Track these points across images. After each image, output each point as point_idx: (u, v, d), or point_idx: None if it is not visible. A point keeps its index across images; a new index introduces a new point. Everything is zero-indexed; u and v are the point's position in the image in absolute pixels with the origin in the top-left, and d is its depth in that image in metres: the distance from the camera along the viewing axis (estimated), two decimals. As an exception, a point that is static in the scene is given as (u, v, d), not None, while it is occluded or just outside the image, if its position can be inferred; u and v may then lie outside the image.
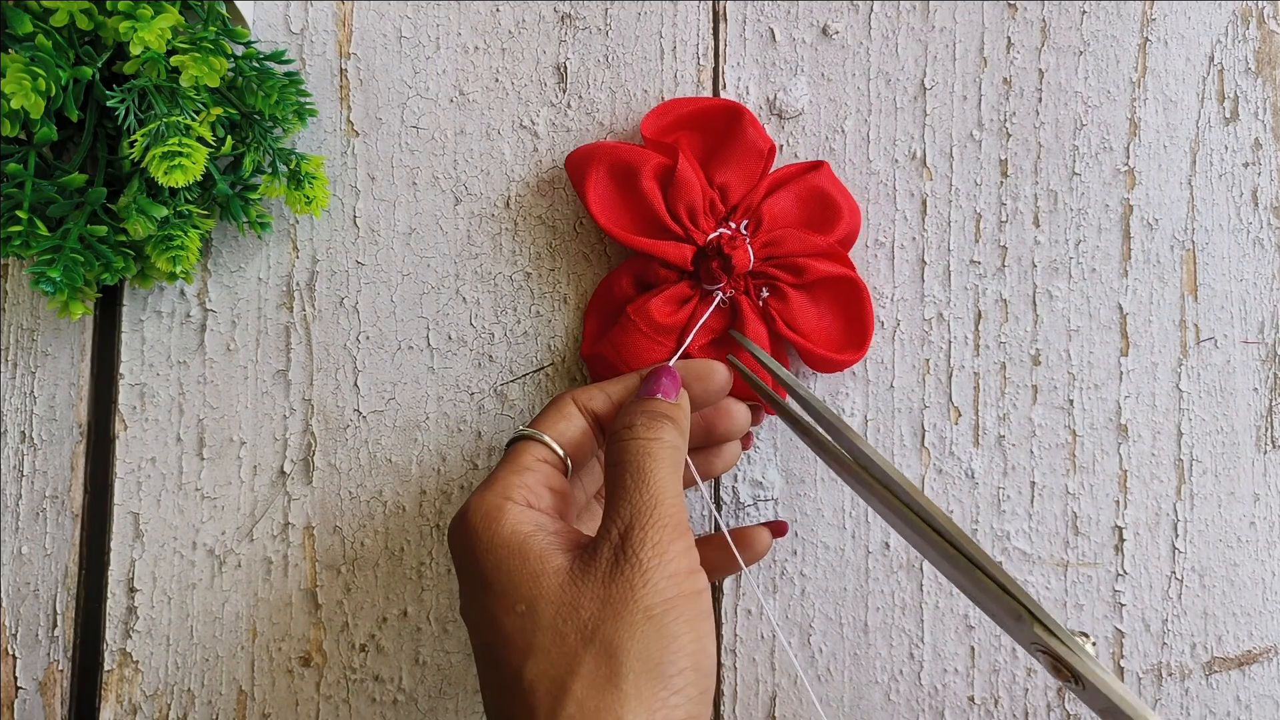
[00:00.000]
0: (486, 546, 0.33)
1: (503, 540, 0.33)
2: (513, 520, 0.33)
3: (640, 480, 0.33)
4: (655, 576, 0.31)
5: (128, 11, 0.37)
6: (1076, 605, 0.42)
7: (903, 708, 0.42)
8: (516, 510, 0.34)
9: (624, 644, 0.30)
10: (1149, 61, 0.43)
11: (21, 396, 0.43)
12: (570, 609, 0.31)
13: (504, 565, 0.33)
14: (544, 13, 0.43)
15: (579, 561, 0.32)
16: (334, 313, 0.43)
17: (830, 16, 0.43)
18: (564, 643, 0.31)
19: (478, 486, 0.35)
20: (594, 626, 0.31)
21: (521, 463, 0.36)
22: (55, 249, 0.39)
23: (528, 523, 0.34)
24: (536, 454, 0.36)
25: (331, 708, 0.42)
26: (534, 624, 0.31)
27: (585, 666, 0.30)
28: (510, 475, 0.35)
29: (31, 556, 0.42)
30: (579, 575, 0.32)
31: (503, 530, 0.33)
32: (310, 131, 0.43)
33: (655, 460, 0.34)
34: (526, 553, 0.33)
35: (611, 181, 0.40)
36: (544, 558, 0.32)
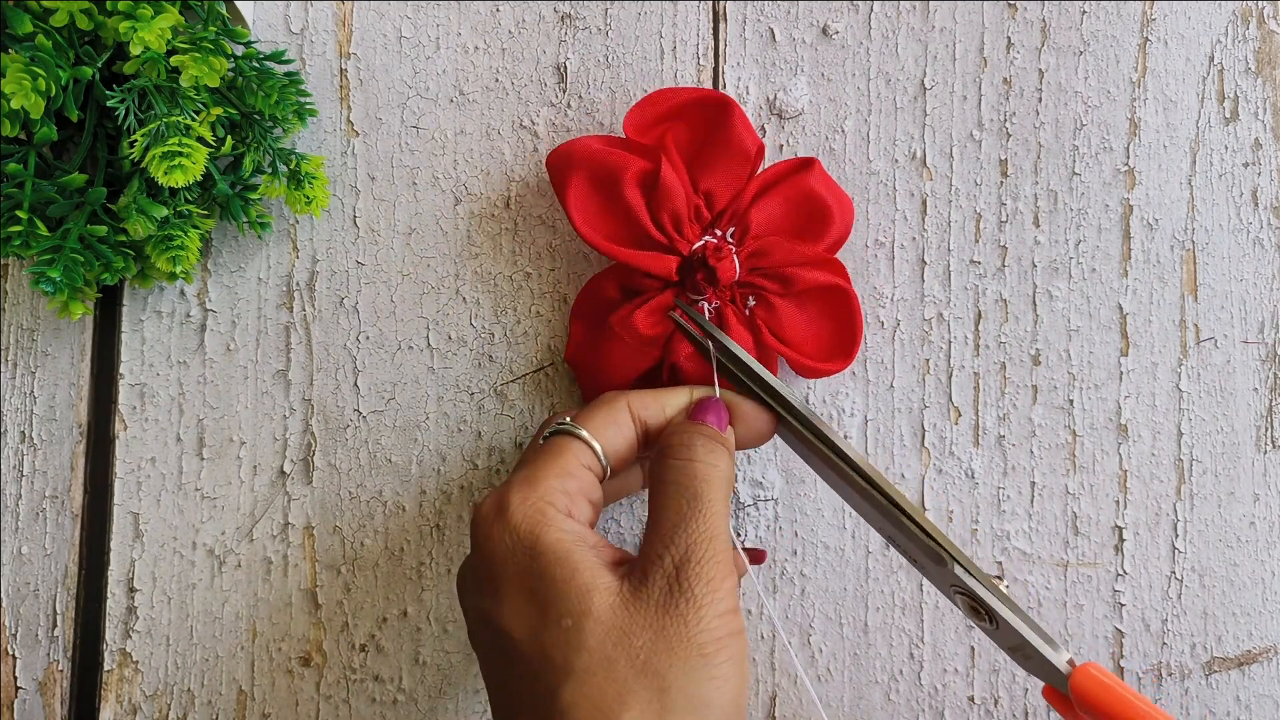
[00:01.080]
0: (530, 550, 0.32)
1: (548, 546, 0.32)
2: (558, 528, 0.32)
3: (698, 508, 0.32)
4: (708, 614, 0.30)
5: (128, 11, 0.37)
6: (1076, 605, 0.42)
7: (903, 707, 0.42)
8: (559, 519, 0.32)
9: (676, 680, 0.29)
10: (1149, 61, 0.43)
11: (21, 396, 0.43)
12: (622, 635, 0.30)
13: (549, 573, 0.31)
14: (544, 13, 0.43)
15: (629, 584, 0.31)
16: (334, 313, 0.43)
17: (830, 16, 0.43)
18: (613, 670, 0.30)
19: (514, 477, 0.34)
20: (646, 658, 0.30)
21: (566, 464, 0.34)
22: (55, 249, 0.39)
23: (571, 533, 0.32)
24: (582, 457, 0.34)
25: (331, 708, 0.42)
26: (579, 643, 0.30)
27: (636, 699, 0.29)
28: (554, 478, 0.33)
29: (31, 556, 0.42)
30: (630, 599, 0.31)
31: (548, 536, 0.32)
32: (310, 131, 0.43)
33: (713, 489, 0.33)
34: (575, 565, 0.31)
35: (592, 189, 0.39)
36: (591, 573, 0.31)
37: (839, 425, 0.42)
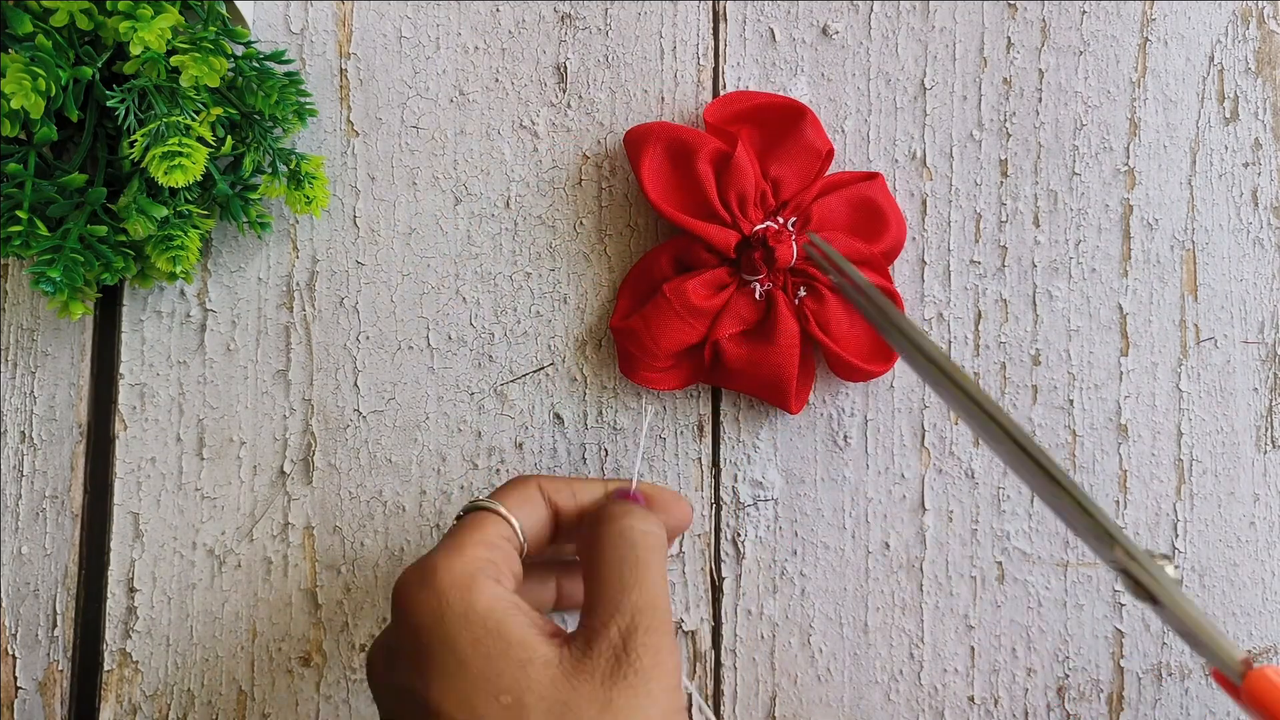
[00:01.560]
0: (461, 620, 0.30)
1: (479, 616, 0.30)
2: (489, 595, 0.30)
3: (641, 575, 0.31)
4: (656, 687, 0.29)
5: (128, 11, 0.37)
6: (1076, 605, 0.42)
7: (902, 707, 0.42)
8: (490, 585, 0.31)
9: None
10: (1149, 61, 0.43)
11: (21, 396, 0.43)
12: (565, 710, 0.28)
13: (482, 645, 0.29)
14: (544, 13, 0.43)
15: (569, 656, 0.30)
16: (334, 313, 0.43)
17: (830, 16, 0.43)
18: None
19: (435, 550, 0.32)
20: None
21: (486, 536, 0.33)
22: (55, 249, 0.39)
23: (504, 599, 0.31)
24: (501, 531, 0.34)
25: (331, 708, 0.42)
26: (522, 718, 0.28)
27: None
28: (478, 547, 0.32)
29: (31, 557, 0.42)
30: (571, 672, 0.29)
31: (479, 604, 0.30)
32: (310, 131, 0.43)
33: (654, 555, 0.32)
34: (508, 636, 0.30)
35: (667, 159, 0.40)
36: (528, 645, 0.30)
37: (839, 425, 0.42)
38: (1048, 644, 0.42)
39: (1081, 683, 0.42)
